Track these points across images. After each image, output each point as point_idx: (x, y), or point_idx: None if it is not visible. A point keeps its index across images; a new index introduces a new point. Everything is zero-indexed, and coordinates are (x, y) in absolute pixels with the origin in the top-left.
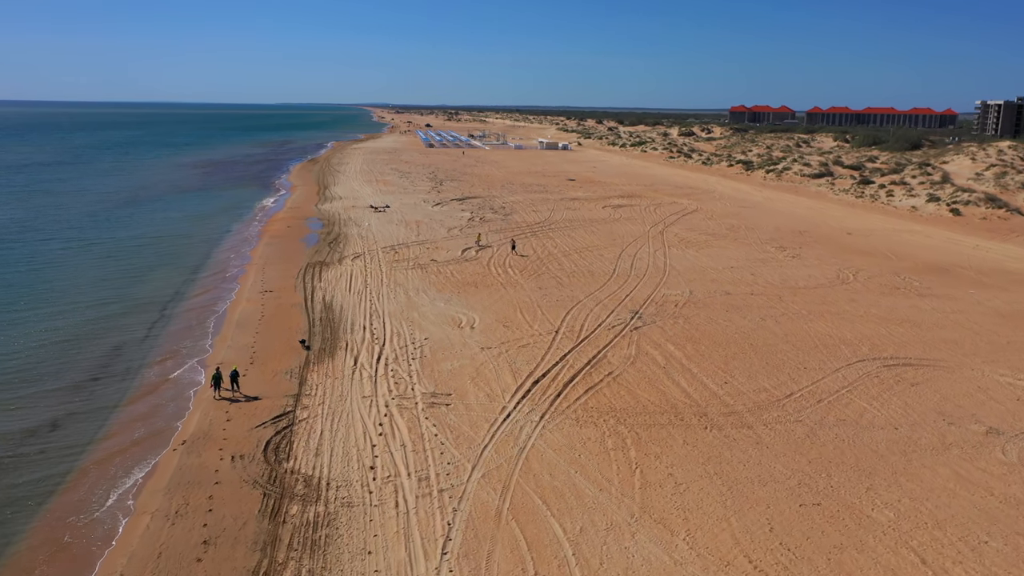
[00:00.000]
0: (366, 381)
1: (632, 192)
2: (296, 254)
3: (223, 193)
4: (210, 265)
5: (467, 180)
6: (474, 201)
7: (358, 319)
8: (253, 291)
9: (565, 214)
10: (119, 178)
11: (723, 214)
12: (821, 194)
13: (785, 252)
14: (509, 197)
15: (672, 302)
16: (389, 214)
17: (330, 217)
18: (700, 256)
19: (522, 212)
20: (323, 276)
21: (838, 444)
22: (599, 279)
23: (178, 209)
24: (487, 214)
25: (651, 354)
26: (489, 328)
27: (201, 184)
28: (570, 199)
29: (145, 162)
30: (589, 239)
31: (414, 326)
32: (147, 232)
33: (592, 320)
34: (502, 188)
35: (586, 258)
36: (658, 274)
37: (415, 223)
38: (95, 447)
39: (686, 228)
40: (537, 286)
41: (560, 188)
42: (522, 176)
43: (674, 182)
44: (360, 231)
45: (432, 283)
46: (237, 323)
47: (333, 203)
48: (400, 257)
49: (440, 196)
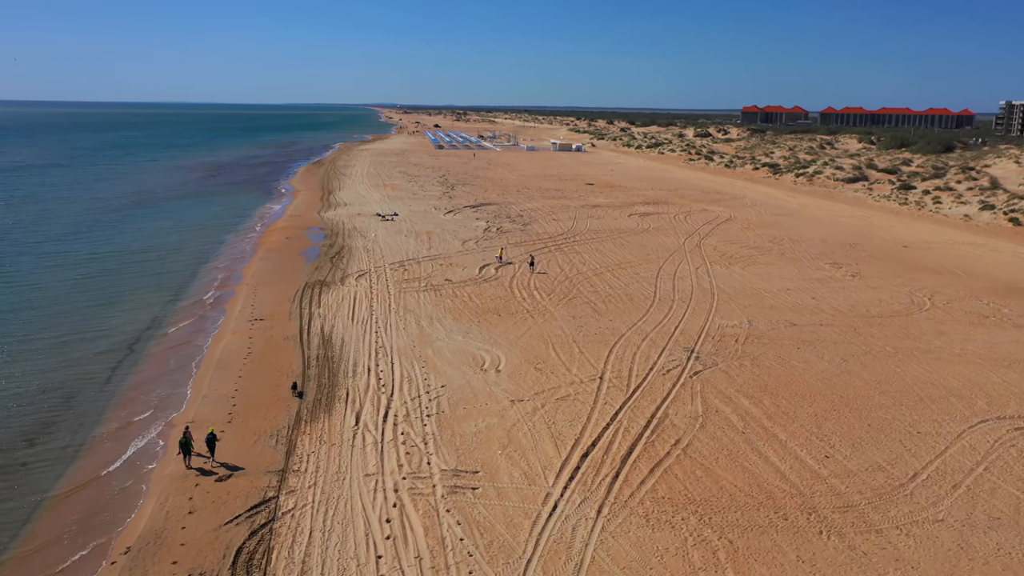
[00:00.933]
0: (370, 450)
1: (657, 198)
2: (294, 271)
3: (221, 199)
4: (196, 286)
5: (480, 184)
6: (489, 208)
7: (361, 357)
8: (241, 319)
9: (589, 224)
10: (113, 183)
11: (760, 223)
12: (859, 200)
13: (842, 270)
14: (526, 204)
15: (731, 336)
16: (397, 223)
17: (333, 227)
18: (748, 275)
19: (542, 221)
20: (323, 300)
21: (1007, 562)
22: (640, 305)
23: (170, 217)
24: (504, 224)
25: (722, 411)
26: (518, 371)
27: (199, 189)
28: (592, 206)
29: (143, 165)
30: (620, 254)
31: (428, 367)
32: (132, 245)
33: (641, 361)
34: (517, 193)
35: (620, 278)
36: (706, 298)
37: (426, 234)
38: (5, 562)
39: (724, 240)
40: (570, 314)
41: (579, 193)
42: (537, 180)
43: (699, 187)
44: (366, 243)
45: (447, 309)
46: (218, 363)
47: (337, 210)
48: (410, 276)
49: (452, 203)
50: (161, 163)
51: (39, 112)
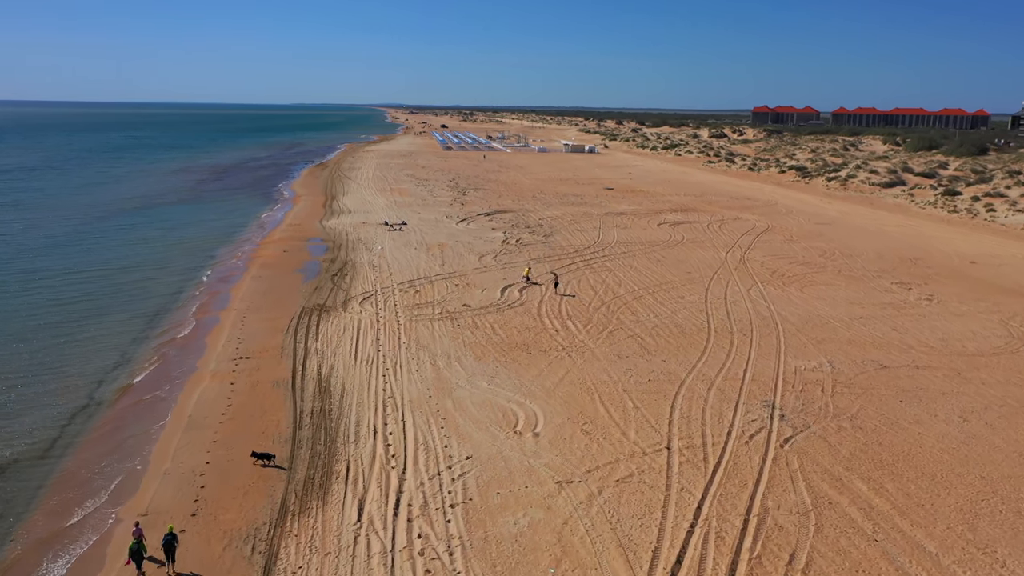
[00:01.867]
0: (377, 564)
1: (685, 205)
2: (290, 293)
3: (217, 205)
4: (177, 313)
5: (492, 189)
6: (505, 217)
7: (366, 412)
8: (224, 357)
9: (616, 234)
10: (105, 187)
11: (803, 234)
12: (902, 207)
13: (912, 291)
14: (545, 211)
15: (814, 383)
16: (406, 234)
17: (336, 237)
18: (808, 298)
19: (564, 231)
20: (321, 330)
21: None
22: (694, 339)
23: (160, 226)
24: (523, 234)
25: (837, 503)
26: (561, 434)
27: (195, 194)
28: (616, 214)
29: (140, 167)
30: (657, 271)
31: (448, 427)
32: (113, 261)
33: (714, 420)
34: (533, 199)
35: (664, 302)
36: (769, 329)
37: (438, 247)
38: None
39: (769, 254)
40: (613, 351)
41: (600, 199)
42: (553, 184)
43: (727, 192)
44: (371, 258)
45: (468, 344)
46: (190, 422)
47: (341, 218)
48: (422, 299)
49: (464, 210)
50: (159, 165)
51: (42, 112)
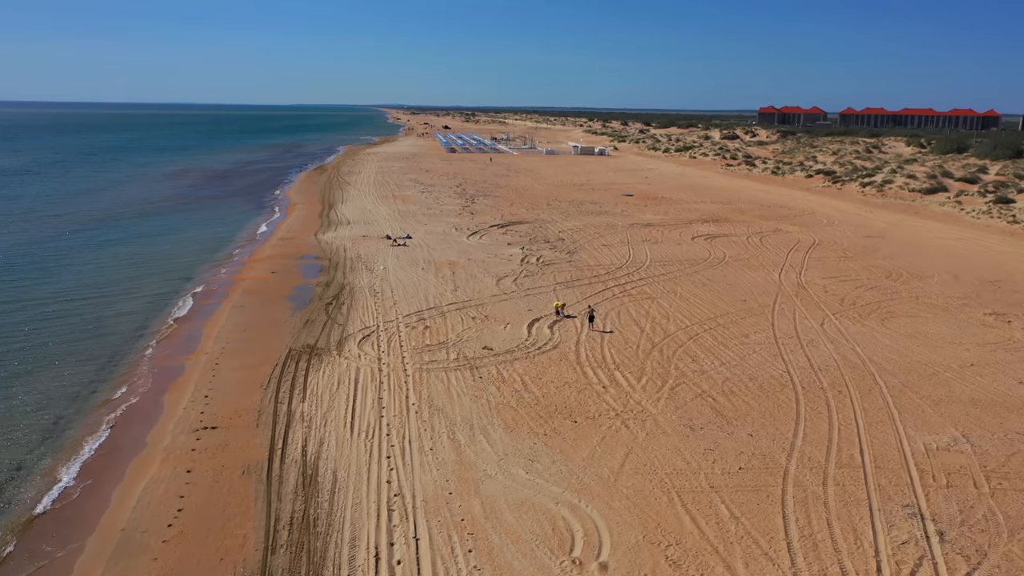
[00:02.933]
0: None
1: (715, 214)
2: (275, 329)
3: (204, 214)
4: (131, 362)
5: (503, 195)
6: (520, 229)
7: (365, 522)
8: (183, 427)
9: (648, 251)
10: (84, 194)
11: (857, 250)
12: (952, 216)
13: (1014, 325)
14: (564, 223)
15: (958, 472)
16: (411, 249)
17: (333, 254)
18: (895, 336)
19: (589, 247)
20: (310, 384)
21: None
22: (778, 399)
23: (135, 241)
24: (543, 251)
25: None
26: (639, 568)
27: (181, 201)
28: (642, 225)
29: (129, 171)
30: (707, 299)
31: (479, 551)
32: (70, 286)
33: (849, 543)
34: (548, 207)
35: (726, 342)
36: (866, 383)
37: (448, 266)
38: None
39: (829, 276)
40: (682, 420)
41: (621, 207)
42: (567, 190)
43: (755, 199)
44: (372, 281)
45: (495, 407)
46: (120, 544)
47: (338, 231)
48: (434, 338)
49: (475, 220)
50: (149, 169)
51: (36, 113)
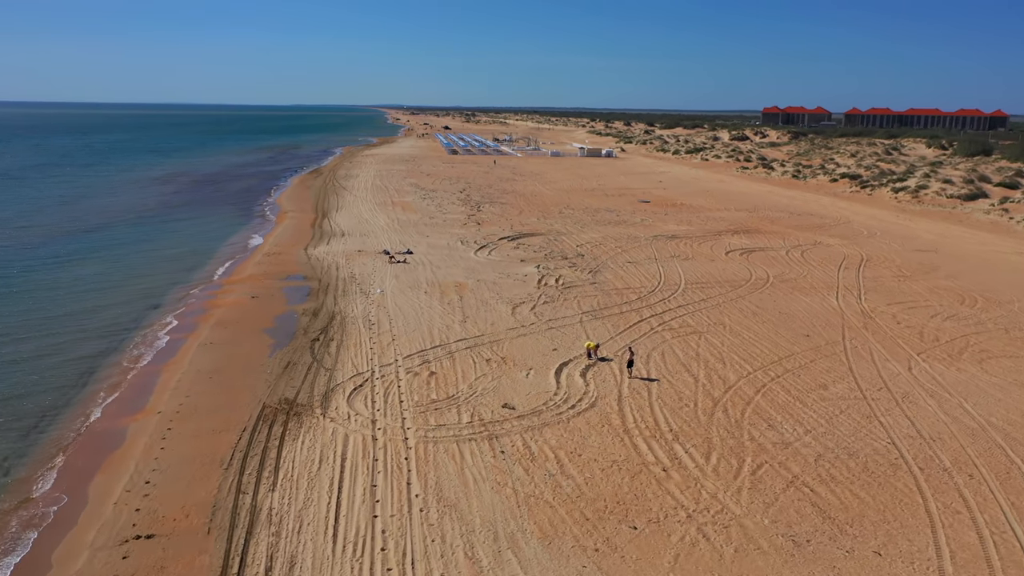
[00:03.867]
0: None
1: (744, 224)
2: (246, 376)
3: (185, 224)
4: (62, 426)
5: (510, 202)
6: (533, 242)
7: None
8: (108, 538)
9: (680, 269)
10: (58, 203)
11: (913, 267)
12: (1001, 226)
13: None
14: (581, 235)
15: None
16: (412, 267)
17: (323, 273)
18: (1005, 385)
19: (614, 265)
20: (283, 465)
21: None
22: (895, 490)
23: (104, 257)
24: (562, 269)
25: None
26: None
27: (163, 209)
28: (667, 237)
29: (113, 175)
30: (762, 333)
31: None
32: (12, 322)
33: None
34: (562, 216)
35: (803, 396)
36: (998, 460)
37: (455, 289)
38: None
39: (894, 301)
40: (777, 524)
41: (639, 216)
42: (579, 196)
43: (782, 206)
44: (368, 308)
45: (524, 504)
46: None
47: (331, 244)
48: (441, 389)
49: (482, 232)
50: (134, 173)
51: (36, 113)
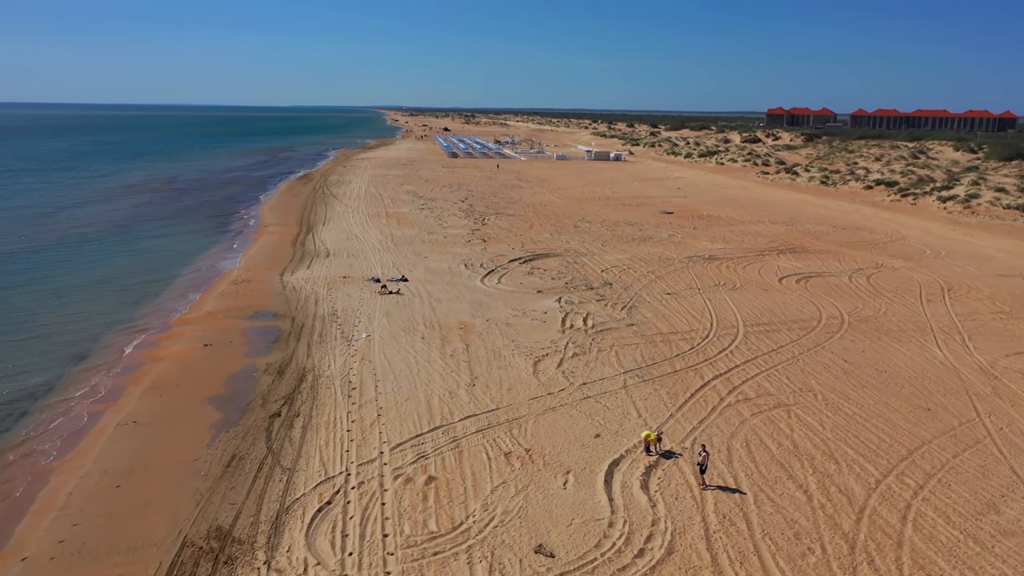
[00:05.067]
0: None
1: (785, 240)
2: (168, 484)
3: (147, 243)
4: None
5: (518, 213)
6: (549, 265)
7: None
8: None
9: (731, 303)
10: (16, 214)
11: (1007, 298)
12: None
13: None
14: (604, 255)
15: None
16: (407, 300)
17: (299, 308)
18: None
19: (649, 297)
20: None
21: None
22: None
23: (42, 285)
24: (589, 303)
25: None
26: None
27: (128, 223)
28: (704, 258)
29: (88, 181)
30: (867, 404)
31: None
32: None
33: None
34: (577, 230)
35: (972, 529)
36: None
37: (459, 333)
38: None
39: (1015, 352)
40: None
41: (665, 229)
42: (593, 206)
43: (820, 217)
44: (348, 363)
45: None
46: None
47: (313, 268)
48: (443, 514)
49: (489, 252)
50: (111, 180)
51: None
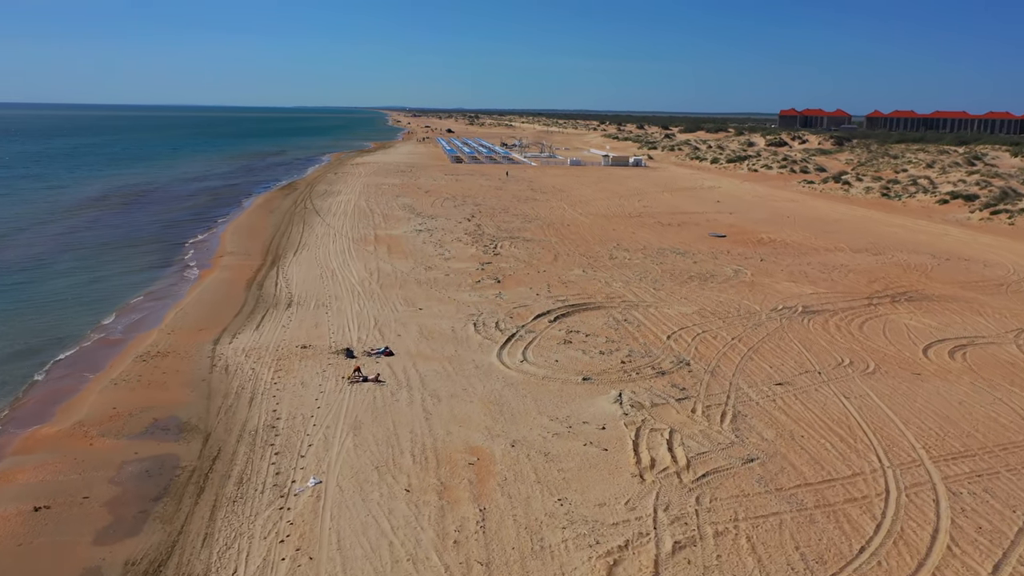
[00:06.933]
0: None
1: (887, 279)
2: None
3: (57, 282)
4: None
5: (537, 237)
6: (591, 325)
7: None
8: None
9: (881, 405)
10: None
11: None
12: None
13: None
14: (662, 305)
15: None
16: (390, 396)
17: (220, 416)
18: None
19: (757, 395)
20: None
21: None
22: None
23: None
24: (669, 407)
25: None
26: None
27: (51, 251)
28: (799, 312)
29: (39, 191)
30: None
31: None
32: None
33: None
34: (613, 262)
35: None
36: None
37: (467, 473)
38: None
39: None
40: None
41: (729, 262)
42: (625, 225)
43: (909, 243)
44: (272, 548)
45: None
46: None
47: (263, 329)
48: None
49: (505, 300)
50: (66, 190)
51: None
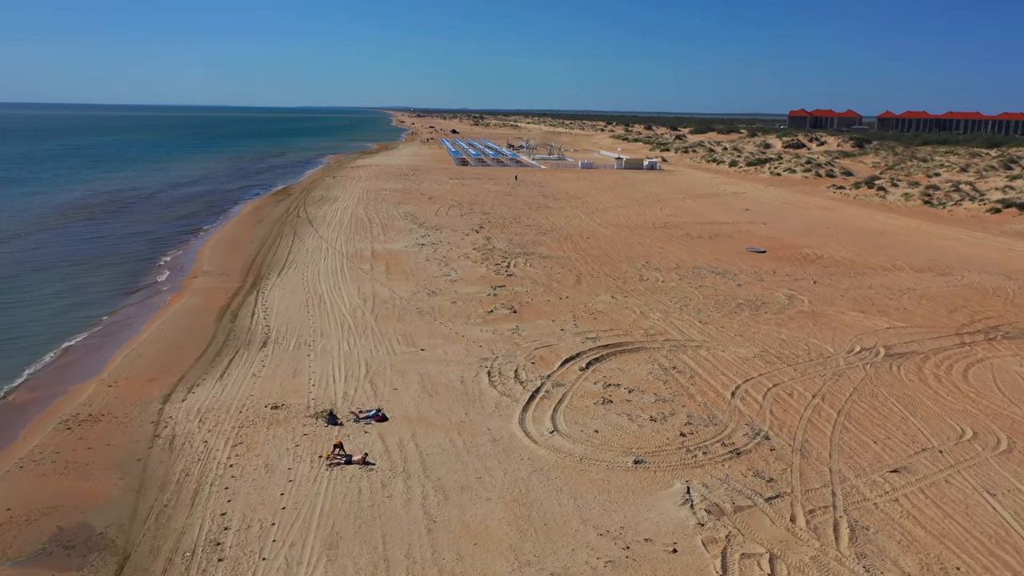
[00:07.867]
0: None
1: (971, 308)
2: None
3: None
4: None
5: (555, 253)
6: (632, 374)
7: None
8: None
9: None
10: None
11: None
12: None
13: None
14: (713, 346)
15: None
16: (380, 489)
17: (148, 525)
18: None
19: (870, 489)
20: None
21: None
22: None
23: None
24: (756, 512)
25: None
26: None
27: (8, 276)
28: (882, 355)
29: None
30: None
31: None
32: None
33: None
34: (644, 284)
35: None
36: None
37: None
38: None
39: None
40: None
41: (777, 285)
42: (651, 237)
43: (969, 259)
44: None
45: None
46: None
47: (226, 381)
48: None
49: (523, 336)
50: (44, 196)
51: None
